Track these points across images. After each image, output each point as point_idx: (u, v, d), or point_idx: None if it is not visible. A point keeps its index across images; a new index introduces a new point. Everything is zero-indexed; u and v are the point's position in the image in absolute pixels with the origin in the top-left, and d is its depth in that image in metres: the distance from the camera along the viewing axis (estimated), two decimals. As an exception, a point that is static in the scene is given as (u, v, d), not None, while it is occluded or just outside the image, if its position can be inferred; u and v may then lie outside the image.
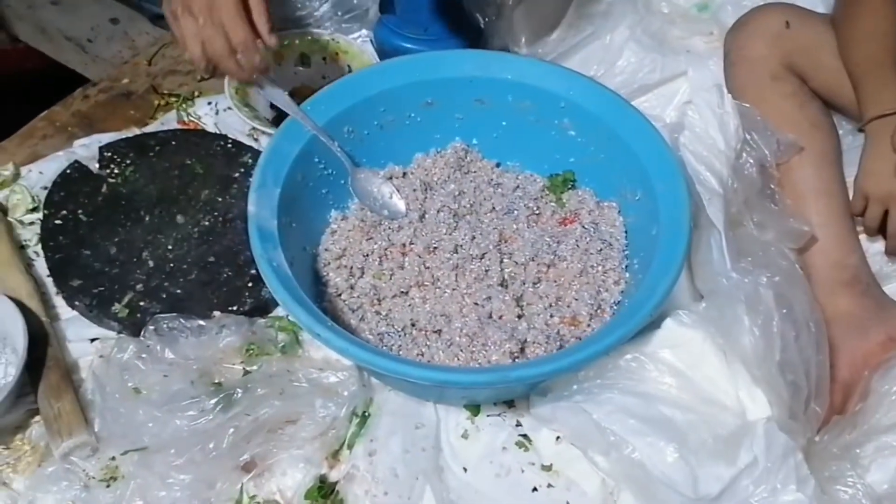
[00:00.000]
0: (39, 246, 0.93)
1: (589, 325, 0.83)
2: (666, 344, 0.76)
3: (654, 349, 0.75)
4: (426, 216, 0.93)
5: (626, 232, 0.90)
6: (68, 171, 0.97)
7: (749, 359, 0.71)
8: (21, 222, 0.96)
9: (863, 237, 0.91)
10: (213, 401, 0.75)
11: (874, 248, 0.91)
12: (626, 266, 0.88)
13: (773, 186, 0.88)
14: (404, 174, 0.97)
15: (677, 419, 0.69)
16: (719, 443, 0.67)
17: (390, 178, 0.96)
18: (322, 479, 0.77)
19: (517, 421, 0.81)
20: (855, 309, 0.84)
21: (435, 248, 0.89)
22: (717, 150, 0.84)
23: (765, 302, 0.72)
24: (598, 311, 0.85)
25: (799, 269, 0.80)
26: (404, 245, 0.90)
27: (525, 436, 0.80)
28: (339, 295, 0.87)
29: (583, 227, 0.91)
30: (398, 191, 0.93)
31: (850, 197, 0.90)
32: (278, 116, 1.08)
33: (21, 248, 0.93)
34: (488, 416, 0.82)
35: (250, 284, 0.88)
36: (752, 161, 0.87)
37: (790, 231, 0.85)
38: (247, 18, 0.81)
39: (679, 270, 0.75)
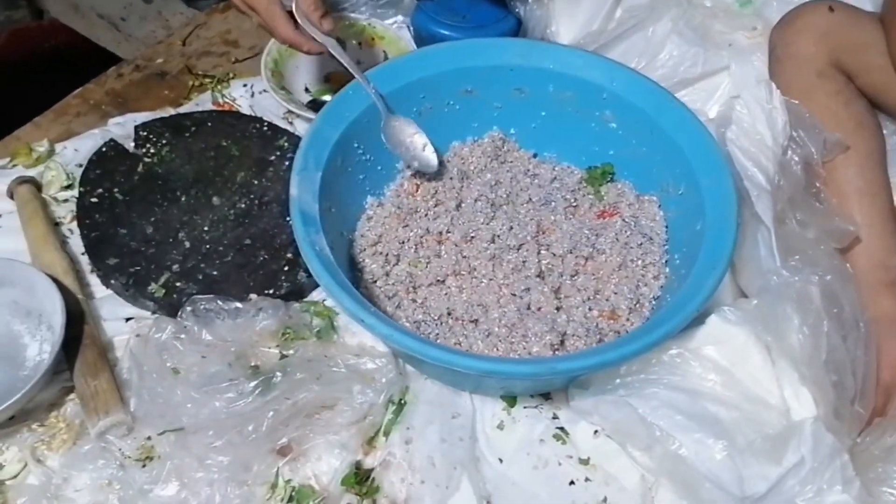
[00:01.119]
0: (74, 223, 0.92)
1: (628, 320, 0.83)
2: (710, 340, 0.75)
3: (698, 345, 0.75)
4: (462, 205, 0.92)
5: (666, 227, 0.90)
6: (104, 150, 0.96)
7: (797, 358, 0.71)
8: (55, 199, 0.95)
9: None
10: (251, 384, 0.75)
11: (917, 251, 0.90)
12: (667, 261, 0.87)
13: (817, 185, 0.87)
14: (441, 162, 0.97)
15: (723, 416, 0.69)
16: (766, 442, 0.67)
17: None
18: (357, 466, 0.77)
19: (554, 414, 0.81)
20: (897, 310, 0.83)
21: (472, 237, 0.88)
22: (765, 146, 0.83)
23: (815, 301, 0.71)
24: (637, 305, 0.84)
25: (849, 268, 0.79)
26: (440, 233, 0.89)
27: (562, 429, 0.79)
28: (375, 282, 0.87)
29: (623, 220, 0.90)
30: (430, 188, 0.92)
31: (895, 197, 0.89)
32: (313, 101, 1.08)
33: (55, 224, 0.93)
34: (525, 407, 0.81)
35: (286, 268, 0.88)
36: (797, 158, 0.86)
37: (834, 230, 0.84)
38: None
39: (727, 266, 0.74)
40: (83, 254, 0.90)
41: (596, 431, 0.78)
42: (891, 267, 0.85)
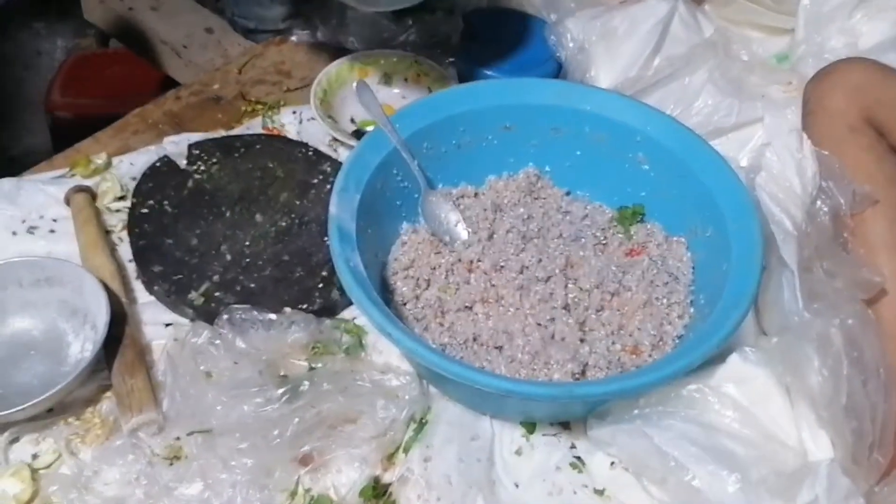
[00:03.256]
0: (124, 232, 0.97)
1: (650, 356, 0.84)
2: (730, 378, 0.76)
3: (718, 382, 0.76)
4: (495, 236, 0.95)
5: (693, 268, 0.91)
6: (158, 165, 1.01)
7: (816, 399, 0.71)
8: (108, 209, 1.00)
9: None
10: (280, 391, 0.77)
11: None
12: (692, 301, 0.89)
13: (845, 235, 0.88)
14: (476, 194, 1.00)
15: (738, 452, 0.69)
16: (781, 479, 0.67)
17: (462, 196, 0.99)
18: (376, 480, 0.78)
19: (572, 443, 0.82)
20: (923, 363, 0.83)
21: (501, 266, 0.91)
22: (794, 194, 0.84)
23: (836, 344, 0.72)
24: (660, 342, 0.85)
25: (871, 315, 0.80)
26: (471, 262, 0.92)
27: (579, 458, 0.80)
28: (405, 304, 0.89)
29: (650, 259, 0.92)
30: (464, 218, 0.95)
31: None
32: (358, 130, 1.12)
33: (107, 232, 0.97)
34: (543, 435, 0.82)
35: (321, 285, 0.91)
36: (826, 209, 0.88)
37: (861, 281, 0.85)
38: None
39: (750, 304, 0.75)
40: (130, 261, 0.94)
41: (613, 463, 0.78)
42: (916, 320, 0.86)
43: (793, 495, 0.67)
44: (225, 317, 0.84)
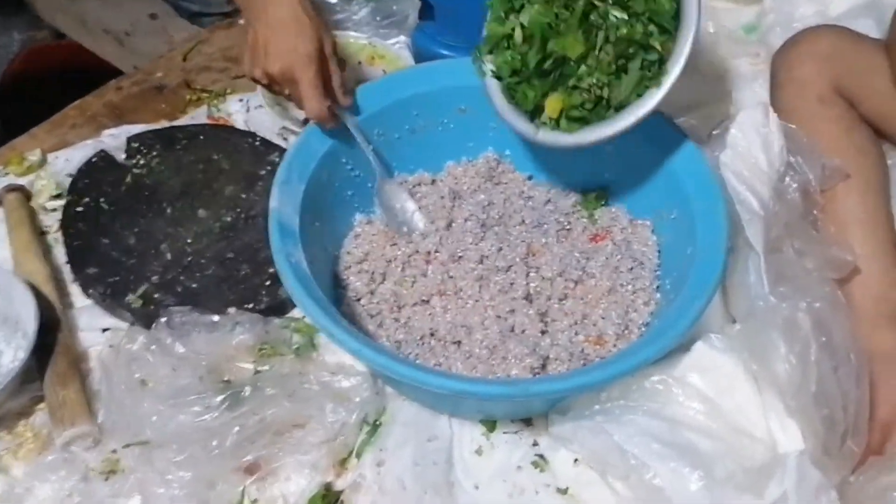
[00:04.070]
0: (60, 233, 0.92)
1: (615, 346, 0.80)
2: (695, 368, 0.72)
3: (683, 373, 0.72)
4: (453, 225, 0.90)
5: (659, 251, 0.87)
6: (94, 160, 0.96)
7: (783, 388, 0.67)
8: (44, 208, 0.95)
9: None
10: (219, 398, 0.73)
11: (921, 284, 0.86)
12: (658, 287, 0.85)
13: (815, 212, 0.84)
14: (433, 181, 0.95)
15: (703, 447, 0.65)
16: (747, 474, 0.63)
17: (419, 184, 0.94)
18: (328, 487, 0.74)
19: (534, 440, 0.78)
20: (898, 345, 0.80)
21: (460, 257, 0.86)
22: (760, 171, 0.80)
23: (803, 328, 0.68)
24: (626, 331, 0.81)
25: (841, 297, 0.76)
26: (429, 253, 0.87)
27: (541, 456, 0.76)
28: (359, 300, 0.85)
29: (614, 244, 0.88)
30: (421, 207, 0.90)
31: (898, 228, 0.86)
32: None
33: (42, 234, 0.93)
34: (504, 433, 0.78)
35: (268, 283, 0.86)
36: (795, 185, 0.83)
37: (832, 260, 0.81)
38: (322, 89, 0.83)
39: (713, 291, 0.71)
40: (67, 263, 0.89)
41: (576, 460, 0.74)
42: (891, 300, 0.82)
43: (760, 490, 0.63)
44: (163, 320, 0.79)
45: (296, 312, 0.87)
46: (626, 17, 0.74)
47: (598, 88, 0.77)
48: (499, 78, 0.84)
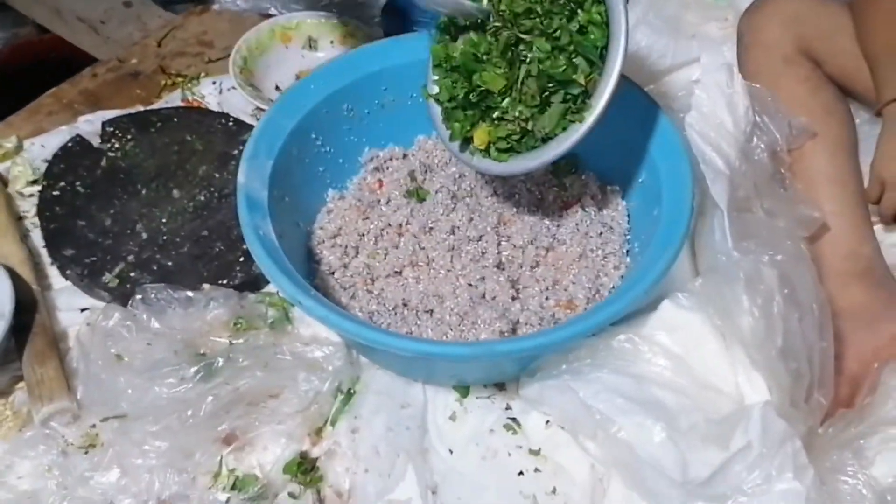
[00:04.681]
0: (37, 218, 0.92)
1: (585, 309, 0.81)
2: (662, 326, 0.72)
3: (650, 331, 0.72)
4: (425, 197, 0.91)
5: (628, 216, 0.88)
6: (69, 145, 0.97)
7: (748, 341, 0.68)
8: (21, 194, 0.96)
9: (878, 228, 0.87)
10: (193, 369, 0.74)
11: (890, 240, 0.87)
12: (628, 251, 0.85)
13: (783, 171, 0.85)
14: (404, 156, 0.96)
15: (669, 401, 0.66)
16: (711, 425, 0.64)
17: (390, 158, 0.95)
18: (303, 455, 0.75)
19: (507, 404, 0.79)
20: (867, 301, 0.80)
21: (431, 228, 0.87)
22: (725, 131, 0.80)
23: (766, 281, 0.68)
24: (596, 295, 0.82)
25: (804, 249, 0.77)
26: (400, 225, 0.88)
27: (514, 419, 0.77)
28: (332, 273, 0.86)
29: (583, 209, 0.88)
30: (391, 181, 0.90)
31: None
32: (283, 98, 1.08)
33: (19, 219, 0.93)
34: (477, 398, 0.79)
35: (242, 259, 0.87)
36: (762, 145, 0.84)
37: (801, 217, 0.81)
38: None
39: (678, 249, 0.72)
40: (44, 246, 0.90)
41: (547, 422, 0.75)
42: (860, 256, 0.83)
43: (726, 441, 0.64)
44: (138, 297, 0.80)
45: (270, 287, 0.88)
46: (549, 48, 0.73)
47: (523, 121, 0.76)
48: (438, 101, 0.84)
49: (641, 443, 0.63)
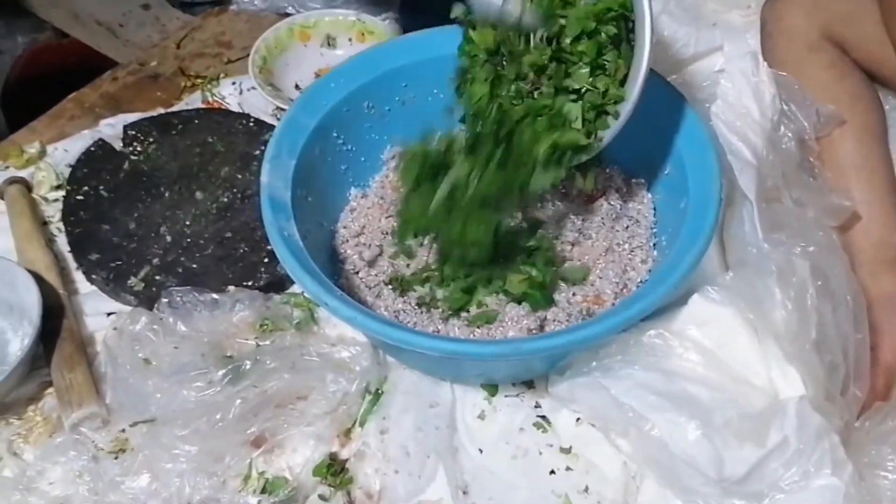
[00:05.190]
0: (62, 223, 0.93)
1: (613, 304, 0.80)
2: (693, 321, 0.71)
3: (681, 326, 0.71)
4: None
5: (654, 209, 0.87)
6: (92, 149, 0.97)
7: (781, 335, 0.67)
8: (45, 199, 0.96)
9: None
10: (220, 372, 0.74)
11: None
12: (655, 244, 0.84)
13: (812, 160, 0.83)
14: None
15: (702, 397, 0.65)
16: (747, 421, 0.63)
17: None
18: (332, 457, 0.75)
19: (536, 402, 0.78)
20: (900, 290, 0.79)
21: (456, 225, 0.86)
22: (752, 120, 0.79)
23: (798, 273, 0.67)
24: (624, 290, 0.81)
25: (836, 240, 0.75)
26: (425, 224, 0.87)
27: (544, 417, 0.76)
28: (357, 272, 0.85)
29: (609, 203, 0.87)
30: None
31: (897, 172, 0.85)
32: (303, 97, 1.07)
33: (44, 224, 0.94)
34: (506, 396, 0.78)
35: (266, 260, 0.87)
36: (790, 134, 0.83)
37: (831, 207, 0.80)
38: None
39: (707, 242, 0.70)
40: (70, 251, 0.90)
41: (578, 419, 0.75)
42: (891, 244, 0.81)
43: (762, 437, 0.63)
44: (164, 300, 0.80)
45: (296, 288, 0.88)
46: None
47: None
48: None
49: (675, 440, 0.63)
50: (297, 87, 1.09)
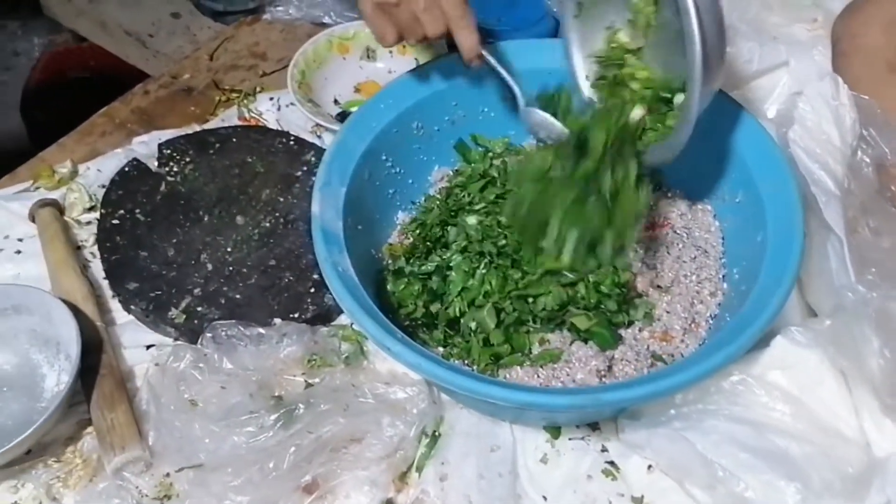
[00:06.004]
0: (96, 247, 0.88)
1: (682, 341, 0.75)
2: (777, 365, 0.67)
3: (763, 371, 0.67)
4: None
5: (722, 238, 0.82)
6: (126, 169, 0.93)
7: (878, 385, 0.62)
8: (78, 222, 0.92)
9: None
10: (273, 416, 0.70)
11: None
12: (724, 276, 0.80)
13: (893, 188, 0.78)
14: (474, 173, 0.91)
15: (794, 452, 0.61)
16: (845, 482, 0.58)
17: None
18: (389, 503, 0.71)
19: (602, 446, 0.74)
20: None
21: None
22: (832, 147, 0.75)
23: (896, 319, 0.63)
24: (692, 325, 0.77)
25: (935, 283, 0.71)
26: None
27: (612, 462, 0.72)
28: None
29: (674, 232, 0.83)
30: None
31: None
32: (342, 112, 1.03)
33: (77, 248, 0.89)
34: (570, 439, 0.74)
35: (312, 290, 0.82)
36: (868, 159, 0.78)
37: (913, 238, 0.75)
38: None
39: (793, 282, 0.66)
40: (105, 279, 0.86)
41: (650, 466, 0.70)
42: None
43: (861, 498, 0.58)
44: (208, 335, 0.76)
45: (342, 319, 0.84)
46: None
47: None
48: None
49: (771, 503, 0.58)
50: (335, 101, 1.04)
